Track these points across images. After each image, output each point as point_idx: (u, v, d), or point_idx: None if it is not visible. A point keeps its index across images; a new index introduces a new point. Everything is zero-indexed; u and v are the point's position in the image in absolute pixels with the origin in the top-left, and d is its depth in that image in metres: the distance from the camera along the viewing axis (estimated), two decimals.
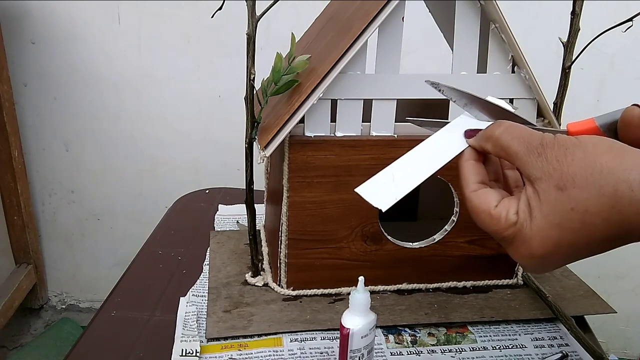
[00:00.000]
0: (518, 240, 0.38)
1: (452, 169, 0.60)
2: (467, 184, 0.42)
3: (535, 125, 0.43)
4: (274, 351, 0.57)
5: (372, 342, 0.51)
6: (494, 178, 0.44)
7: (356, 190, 0.41)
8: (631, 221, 0.33)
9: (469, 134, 0.44)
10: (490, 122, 0.42)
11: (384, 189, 0.41)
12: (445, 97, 0.49)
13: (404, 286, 0.66)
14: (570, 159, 0.36)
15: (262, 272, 0.68)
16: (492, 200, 0.40)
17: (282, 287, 0.65)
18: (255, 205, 0.64)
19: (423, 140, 0.59)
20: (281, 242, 0.62)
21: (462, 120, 0.45)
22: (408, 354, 0.57)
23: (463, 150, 0.43)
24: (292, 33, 0.59)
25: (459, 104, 0.46)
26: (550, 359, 0.57)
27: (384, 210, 0.40)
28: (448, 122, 0.45)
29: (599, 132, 0.40)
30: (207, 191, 0.96)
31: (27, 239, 1.40)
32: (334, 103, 0.57)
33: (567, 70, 0.62)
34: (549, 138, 0.38)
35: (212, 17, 0.59)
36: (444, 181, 0.62)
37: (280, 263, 0.63)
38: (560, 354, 0.57)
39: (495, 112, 0.44)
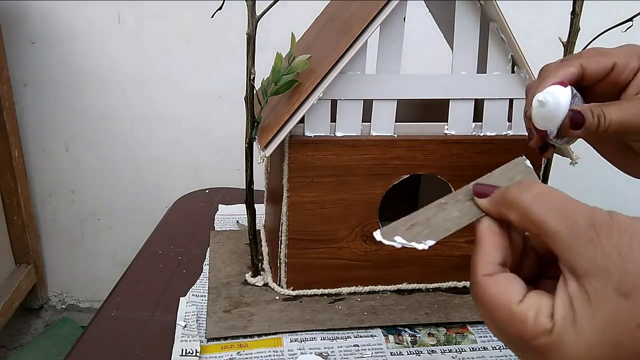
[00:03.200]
0: (553, 356, 0.28)
1: (451, 168, 0.61)
2: (479, 263, 0.32)
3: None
4: (273, 351, 0.57)
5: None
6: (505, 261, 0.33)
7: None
8: None
9: (480, 190, 0.35)
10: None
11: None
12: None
13: (404, 286, 0.66)
14: (638, 254, 0.26)
15: (262, 272, 0.68)
16: (514, 292, 0.30)
17: (282, 287, 0.65)
18: (255, 205, 0.64)
19: (422, 140, 0.59)
20: (281, 242, 0.62)
21: None
22: (408, 354, 0.57)
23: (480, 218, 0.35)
24: (292, 33, 0.59)
25: None
26: None
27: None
28: None
29: None
30: (207, 191, 0.96)
31: (27, 239, 1.40)
32: (334, 103, 0.57)
33: None
34: (602, 218, 0.28)
35: (212, 17, 0.59)
36: (444, 181, 0.62)
37: (280, 263, 0.63)
38: None
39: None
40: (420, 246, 0.35)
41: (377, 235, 0.36)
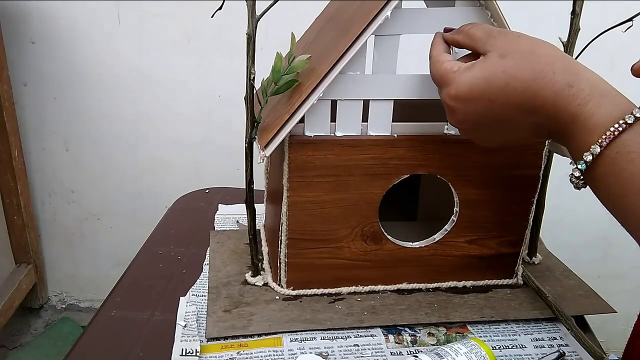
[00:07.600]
0: (452, 83, 0.47)
1: (451, 168, 0.61)
2: (436, 48, 0.53)
3: None
4: (273, 351, 0.57)
5: None
6: None
7: None
8: (544, 96, 0.43)
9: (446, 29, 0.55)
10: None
11: None
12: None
13: (404, 286, 0.66)
14: (519, 40, 0.46)
15: (262, 272, 0.68)
16: (447, 57, 0.50)
17: (282, 286, 0.65)
18: (255, 205, 0.64)
19: (422, 140, 0.59)
20: (281, 241, 0.62)
21: None
22: (408, 354, 0.57)
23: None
24: (292, 33, 0.59)
25: None
26: (548, 358, 0.57)
27: None
28: None
29: None
30: (207, 191, 0.96)
31: (27, 239, 1.40)
32: (334, 103, 0.57)
33: None
34: (502, 29, 0.49)
35: (212, 17, 0.59)
36: (444, 181, 0.62)
37: (280, 263, 0.63)
38: (558, 353, 0.57)
39: None
40: None
41: None
